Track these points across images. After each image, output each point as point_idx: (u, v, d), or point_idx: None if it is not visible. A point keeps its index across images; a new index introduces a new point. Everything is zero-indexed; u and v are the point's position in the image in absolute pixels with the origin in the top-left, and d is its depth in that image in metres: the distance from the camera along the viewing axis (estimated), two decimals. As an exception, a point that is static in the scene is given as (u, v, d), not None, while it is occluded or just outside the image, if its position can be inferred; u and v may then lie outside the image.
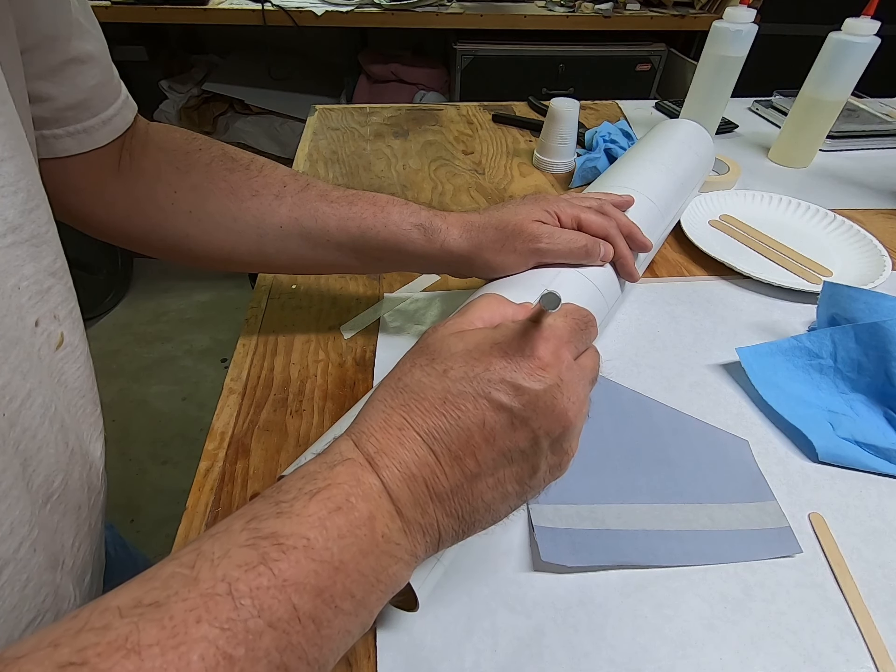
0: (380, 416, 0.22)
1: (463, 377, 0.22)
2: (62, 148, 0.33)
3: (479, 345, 0.23)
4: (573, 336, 0.25)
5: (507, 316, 0.27)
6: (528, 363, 0.22)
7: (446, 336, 0.25)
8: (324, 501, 0.19)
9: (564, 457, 0.24)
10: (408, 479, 0.21)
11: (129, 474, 1.33)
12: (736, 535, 0.33)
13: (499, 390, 0.22)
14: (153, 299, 1.84)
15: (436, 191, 0.69)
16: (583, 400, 0.24)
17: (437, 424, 0.22)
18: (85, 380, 0.30)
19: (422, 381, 0.23)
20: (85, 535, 0.30)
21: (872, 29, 0.65)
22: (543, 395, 0.22)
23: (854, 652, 0.29)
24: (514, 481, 0.23)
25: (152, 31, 1.66)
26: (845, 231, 0.60)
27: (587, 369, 0.25)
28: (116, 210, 0.38)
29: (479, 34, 1.50)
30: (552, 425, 0.23)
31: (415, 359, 0.24)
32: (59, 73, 0.31)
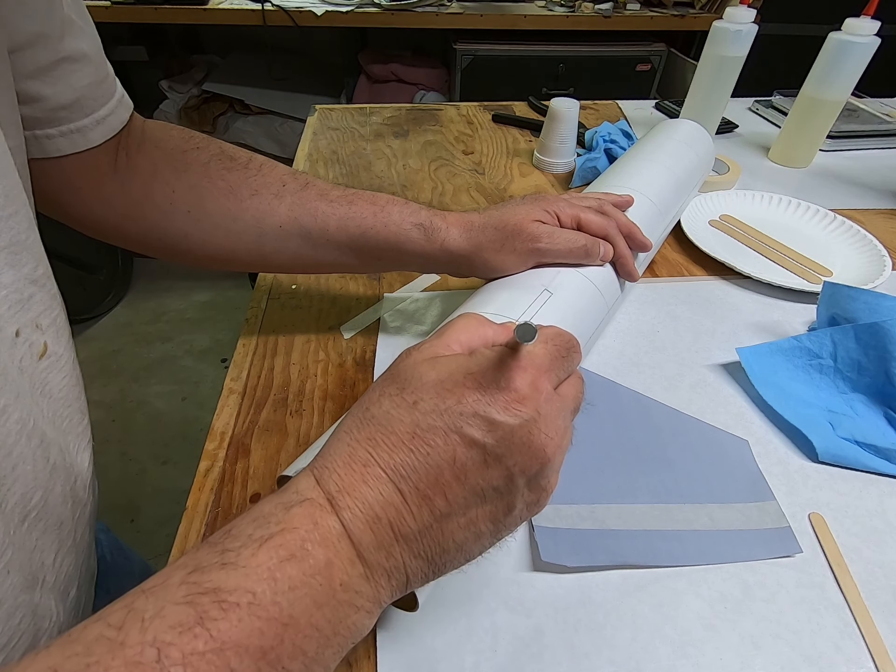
0: (344, 450, 0.21)
1: (433, 410, 0.21)
2: (55, 148, 0.32)
3: (452, 374, 0.22)
4: (553, 364, 0.23)
5: (487, 338, 0.25)
6: (504, 396, 0.21)
7: (419, 362, 0.23)
8: (275, 549, 0.18)
9: (542, 493, 0.23)
10: (371, 520, 0.20)
11: (129, 474, 1.33)
12: (736, 535, 0.33)
13: (471, 425, 0.21)
14: (153, 299, 1.84)
15: (436, 191, 0.69)
16: (562, 433, 0.23)
17: (404, 461, 0.20)
18: (71, 389, 0.29)
19: (390, 413, 0.21)
20: (69, 550, 0.29)
21: (872, 29, 0.65)
22: (519, 430, 0.21)
23: (854, 652, 0.29)
24: (487, 520, 0.22)
25: (152, 31, 1.66)
26: (845, 231, 0.60)
27: (569, 398, 0.24)
28: (114, 209, 0.37)
29: (479, 34, 1.50)
30: (528, 462, 0.21)
31: (384, 387, 0.23)
32: (51, 72, 0.30)
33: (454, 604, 0.30)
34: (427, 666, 0.28)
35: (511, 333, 0.26)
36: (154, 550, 1.15)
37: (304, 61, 1.78)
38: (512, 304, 0.35)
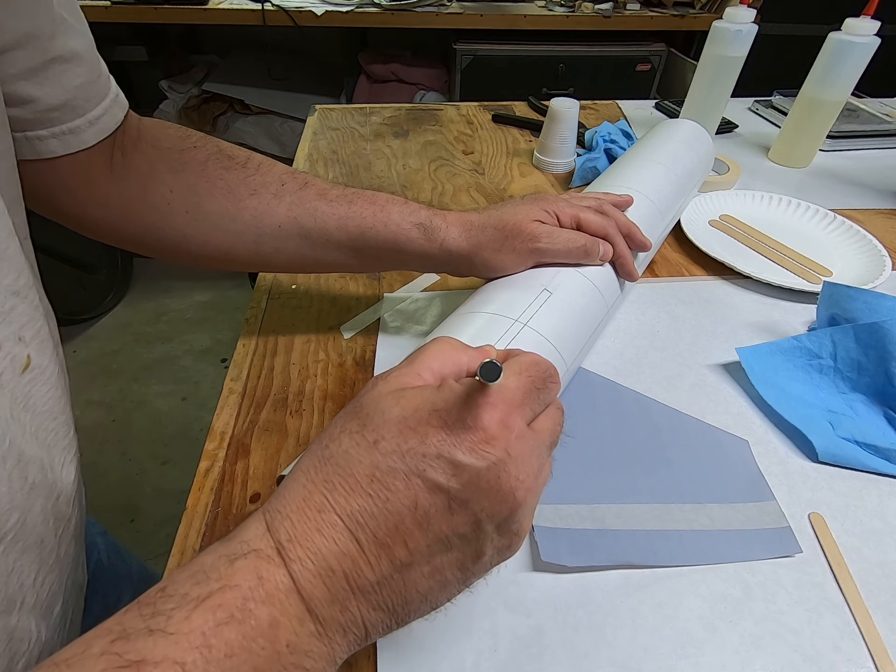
0: (299, 493, 0.20)
1: (394, 451, 0.19)
2: (47, 150, 0.32)
3: (416, 411, 0.20)
4: (527, 398, 0.22)
5: (461, 365, 0.24)
6: (470, 435, 0.19)
7: (383, 395, 0.21)
8: (212, 611, 0.16)
9: (514, 538, 0.21)
10: (324, 573, 0.18)
11: (129, 474, 1.33)
12: (736, 535, 0.33)
13: (434, 468, 0.19)
14: (153, 299, 1.84)
15: (436, 191, 0.69)
16: (535, 473, 0.21)
17: (362, 507, 0.19)
18: (56, 402, 0.28)
19: (348, 453, 0.20)
20: (51, 568, 0.27)
21: (872, 29, 0.65)
22: (486, 473, 0.19)
23: (854, 652, 0.29)
24: (454, 568, 0.20)
25: (152, 31, 1.66)
26: (845, 231, 0.60)
27: (544, 433, 0.22)
28: (110, 210, 0.36)
29: (479, 34, 1.50)
30: (496, 507, 0.20)
31: (346, 422, 0.21)
32: (42, 73, 0.29)
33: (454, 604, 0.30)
34: (427, 666, 0.28)
35: (490, 356, 0.25)
36: (154, 551, 1.15)
37: (304, 61, 1.78)
38: (511, 303, 0.35)
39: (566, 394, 0.40)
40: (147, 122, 0.38)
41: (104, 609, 0.42)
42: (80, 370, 1.58)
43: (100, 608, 0.41)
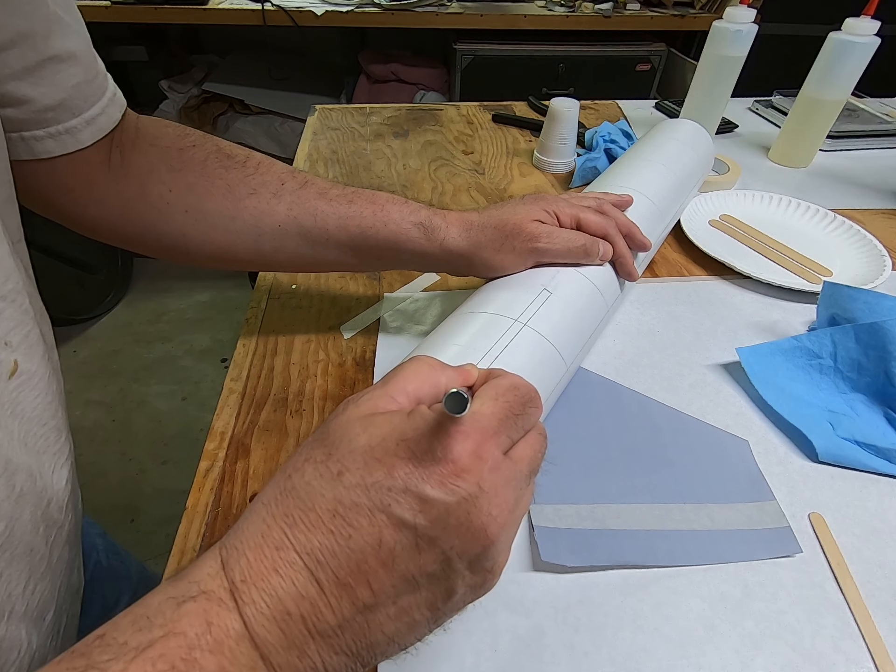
0: (257, 528, 0.18)
1: (358, 484, 0.18)
2: (44, 150, 0.31)
3: (384, 440, 0.19)
4: (503, 425, 0.20)
5: (439, 387, 0.22)
6: (440, 468, 0.18)
7: (351, 421, 0.20)
8: (151, 662, 0.15)
9: (488, 575, 0.20)
10: (280, 616, 0.17)
11: (129, 474, 1.33)
12: (736, 535, 0.33)
13: (400, 503, 0.18)
14: (153, 299, 1.84)
15: (436, 191, 0.69)
16: (511, 506, 0.20)
17: (322, 544, 0.18)
18: (46, 407, 0.27)
19: (311, 485, 0.19)
20: (42, 575, 0.27)
21: (872, 29, 0.65)
22: (456, 508, 0.18)
23: (854, 652, 0.29)
24: (423, 608, 0.19)
25: (152, 31, 1.66)
26: (845, 231, 0.60)
27: (522, 462, 0.21)
28: (109, 209, 0.36)
29: (479, 34, 1.50)
30: (467, 545, 0.19)
31: (311, 449, 0.20)
32: (37, 72, 0.29)
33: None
34: (427, 666, 0.28)
35: (471, 377, 0.23)
36: (154, 551, 1.15)
37: (304, 61, 1.78)
38: (511, 303, 0.35)
39: (566, 394, 0.40)
40: (145, 121, 0.38)
41: (103, 610, 0.42)
42: (80, 370, 1.58)
43: (98, 610, 0.41)
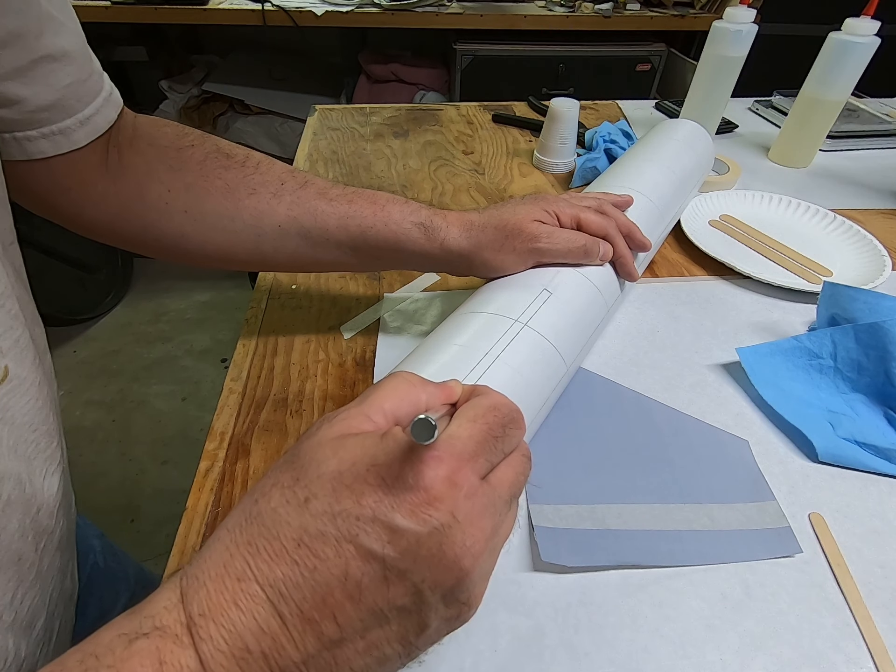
0: (220, 556, 0.17)
1: (325, 512, 0.17)
2: (37, 150, 0.31)
3: (354, 465, 0.18)
4: (481, 448, 0.19)
5: (419, 405, 0.21)
6: (411, 496, 0.17)
7: (323, 443, 0.19)
8: None
9: (463, 608, 0.19)
10: (239, 654, 0.16)
11: (129, 474, 1.33)
12: (736, 535, 0.33)
13: (368, 533, 0.17)
14: (153, 299, 1.84)
15: (436, 191, 0.69)
16: (488, 535, 0.19)
17: (286, 576, 0.17)
18: (37, 412, 0.27)
19: (277, 512, 0.18)
20: (32, 583, 0.26)
21: (872, 29, 0.65)
22: (427, 539, 0.17)
23: (854, 652, 0.29)
24: (393, 642, 0.18)
25: (152, 31, 1.66)
26: (845, 231, 0.60)
27: (503, 487, 0.20)
28: (107, 210, 0.36)
29: (479, 34, 1.50)
30: (439, 577, 0.18)
31: (280, 473, 0.19)
32: (29, 72, 0.28)
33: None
34: (427, 666, 0.28)
35: (453, 394, 0.22)
36: (154, 551, 1.15)
37: (304, 61, 1.77)
38: (511, 303, 0.35)
39: (566, 394, 0.40)
40: (143, 120, 0.38)
41: (100, 613, 0.42)
42: (80, 370, 1.58)
43: (96, 612, 0.41)
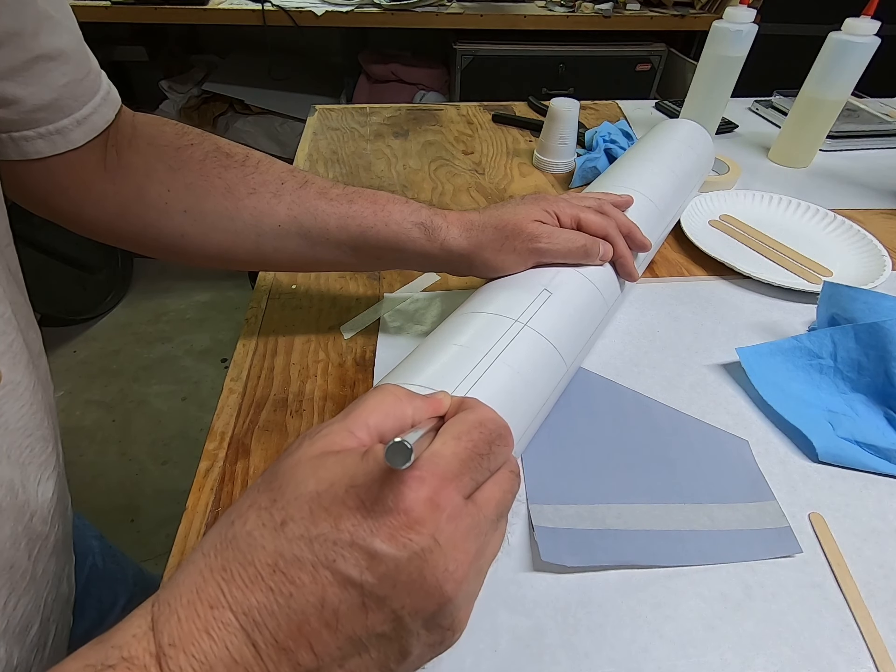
0: (193, 582, 0.17)
1: (302, 536, 0.17)
2: (34, 150, 0.30)
3: (333, 485, 0.17)
4: (467, 466, 0.19)
5: (404, 420, 0.20)
6: (390, 519, 0.17)
7: (302, 462, 0.18)
8: None
9: (447, 633, 0.19)
10: None
11: (129, 474, 1.33)
12: (736, 535, 0.33)
13: (346, 558, 0.16)
14: (153, 299, 1.84)
15: (436, 191, 0.69)
16: (472, 558, 0.18)
17: (261, 603, 0.16)
18: (31, 417, 0.27)
19: (252, 535, 0.17)
20: (25, 590, 0.26)
21: (872, 29, 0.65)
22: (407, 565, 0.17)
23: (854, 652, 0.29)
24: (374, 670, 0.18)
25: (152, 31, 1.66)
26: (845, 231, 0.60)
27: (489, 506, 0.19)
28: (107, 209, 0.36)
29: (479, 34, 1.50)
30: (420, 604, 0.17)
31: (258, 494, 0.18)
32: (25, 72, 0.28)
33: None
34: (426, 666, 0.28)
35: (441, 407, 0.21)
36: (154, 551, 1.15)
37: (304, 61, 1.77)
38: (512, 304, 0.35)
39: (566, 394, 0.40)
40: (142, 119, 0.37)
41: (99, 614, 0.42)
42: (80, 370, 1.58)
43: (94, 614, 0.41)
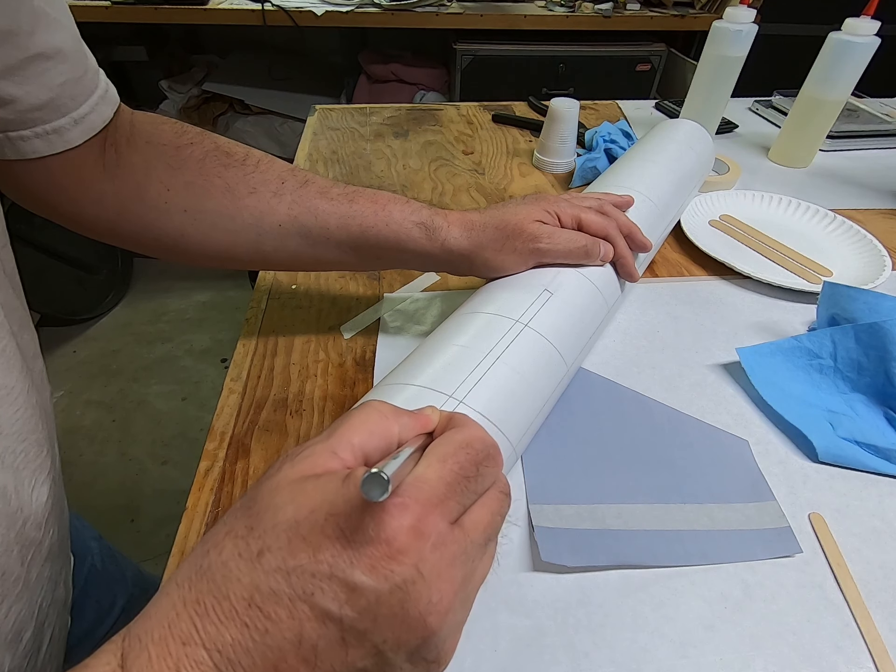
0: (165, 615, 0.16)
1: (279, 568, 0.16)
2: (31, 150, 0.30)
3: (312, 513, 0.17)
4: (452, 490, 0.18)
5: (391, 439, 0.20)
6: (371, 549, 0.16)
7: (281, 487, 0.18)
8: None
9: (432, 665, 0.18)
10: None
11: (129, 474, 1.33)
12: (736, 535, 0.33)
13: (324, 592, 0.16)
14: (153, 299, 1.84)
15: (436, 191, 0.69)
16: (458, 587, 0.17)
17: (235, 639, 0.15)
18: (25, 421, 0.26)
19: (227, 566, 0.16)
20: (18, 596, 0.26)
21: (872, 29, 0.65)
22: (388, 597, 0.16)
23: (854, 652, 0.29)
24: None
25: (152, 31, 1.66)
26: (845, 231, 0.60)
27: (477, 529, 0.18)
28: (106, 209, 0.35)
29: (479, 34, 1.50)
30: (403, 637, 0.16)
31: (235, 520, 0.18)
32: (21, 71, 0.28)
33: None
34: None
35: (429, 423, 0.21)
36: (154, 551, 1.15)
37: (304, 61, 1.77)
38: (512, 304, 0.35)
39: (566, 394, 0.40)
40: (141, 117, 0.37)
41: (97, 615, 0.42)
42: (80, 370, 1.58)
43: (93, 615, 0.41)
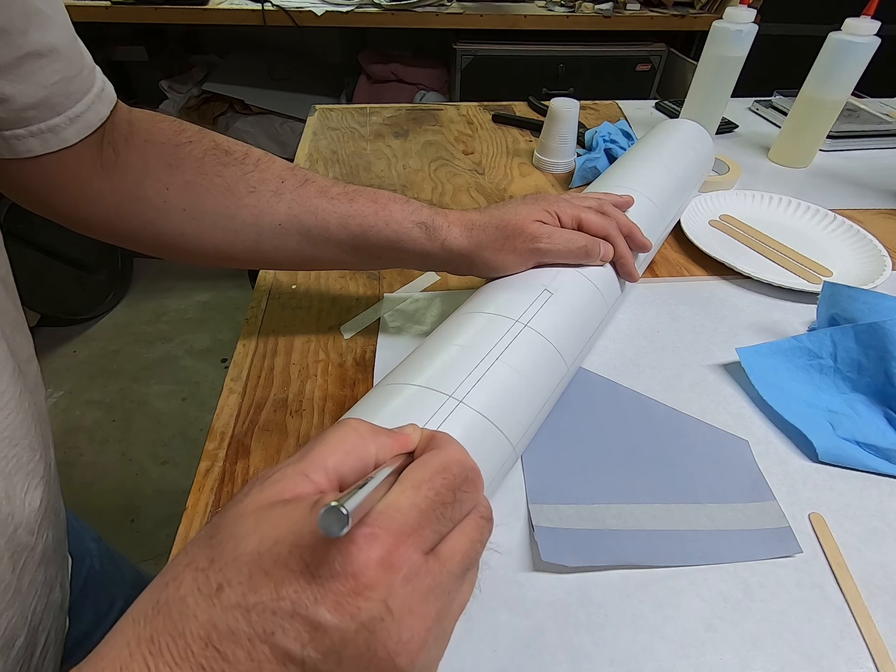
0: (118, 655, 0.15)
1: (238, 605, 0.15)
2: (26, 149, 0.30)
3: (276, 544, 0.15)
4: (427, 518, 0.17)
5: (367, 460, 0.18)
6: (337, 585, 0.15)
7: (246, 514, 0.16)
8: None
9: None
10: None
11: (129, 474, 1.33)
12: (736, 535, 0.33)
13: (286, 631, 0.15)
14: (153, 299, 1.84)
15: (436, 191, 0.69)
16: (431, 623, 0.16)
17: None
18: (18, 426, 0.26)
19: (185, 601, 0.15)
20: (9, 603, 0.25)
21: (872, 29, 0.65)
22: (354, 637, 0.15)
23: (854, 652, 0.29)
24: None
25: (152, 31, 1.66)
26: (845, 231, 0.60)
27: (454, 559, 0.17)
28: (104, 207, 0.35)
29: (479, 34, 1.50)
30: None
31: (197, 550, 0.16)
32: (15, 69, 0.27)
33: None
34: None
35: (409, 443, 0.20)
36: (153, 551, 1.15)
37: (304, 61, 1.77)
38: (512, 304, 0.35)
39: (566, 394, 0.40)
40: (139, 116, 0.37)
41: (96, 617, 0.42)
42: (80, 370, 1.58)
43: (91, 616, 0.41)
